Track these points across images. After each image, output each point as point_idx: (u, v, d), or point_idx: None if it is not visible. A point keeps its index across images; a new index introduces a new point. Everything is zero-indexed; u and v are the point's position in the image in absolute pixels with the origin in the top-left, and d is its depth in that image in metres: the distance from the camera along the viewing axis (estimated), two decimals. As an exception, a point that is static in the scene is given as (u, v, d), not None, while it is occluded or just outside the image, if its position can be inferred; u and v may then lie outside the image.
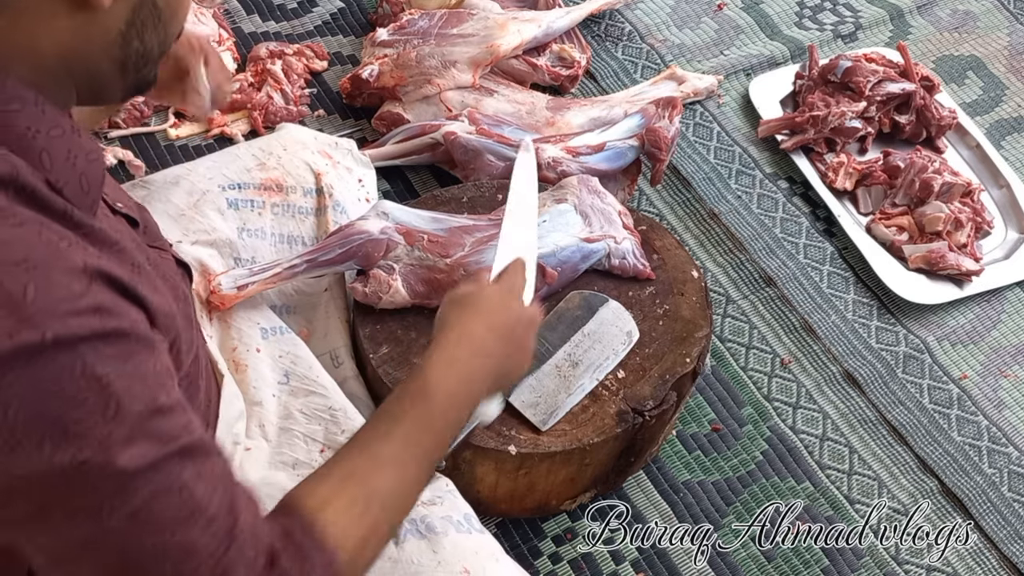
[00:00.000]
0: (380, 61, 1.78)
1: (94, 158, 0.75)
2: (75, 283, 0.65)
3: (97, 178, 0.75)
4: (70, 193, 0.71)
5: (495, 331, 0.97)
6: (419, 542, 1.05)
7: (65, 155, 0.72)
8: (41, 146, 0.70)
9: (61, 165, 0.71)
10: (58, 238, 0.67)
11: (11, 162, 0.67)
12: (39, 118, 0.70)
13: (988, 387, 1.63)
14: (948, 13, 2.17)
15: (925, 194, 1.75)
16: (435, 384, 0.90)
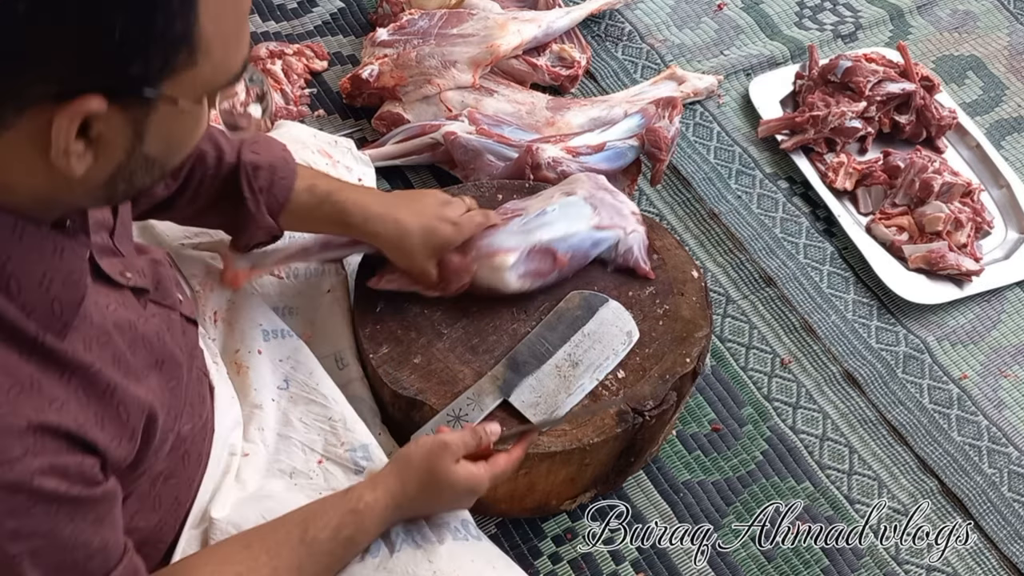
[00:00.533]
0: (380, 61, 1.78)
1: (74, 279, 0.75)
2: (13, 446, 0.67)
3: (73, 300, 0.75)
4: (38, 318, 0.72)
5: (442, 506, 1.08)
6: (414, 551, 1.04)
7: (38, 280, 0.72)
8: (10, 273, 0.70)
9: (31, 292, 0.71)
10: (10, 385, 0.68)
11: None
12: (13, 245, 0.70)
13: (988, 387, 1.63)
14: (948, 13, 2.17)
15: (925, 194, 1.75)
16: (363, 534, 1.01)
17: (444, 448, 1.06)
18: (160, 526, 0.96)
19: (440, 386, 1.26)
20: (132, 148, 0.70)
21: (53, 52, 0.61)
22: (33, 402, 0.70)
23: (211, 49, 0.68)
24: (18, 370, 0.70)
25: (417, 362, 1.27)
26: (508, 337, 1.31)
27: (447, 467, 1.05)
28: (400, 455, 1.07)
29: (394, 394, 1.24)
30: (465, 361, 1.29)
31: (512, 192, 1.47)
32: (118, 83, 0.65)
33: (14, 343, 0.71)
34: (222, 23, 0.68)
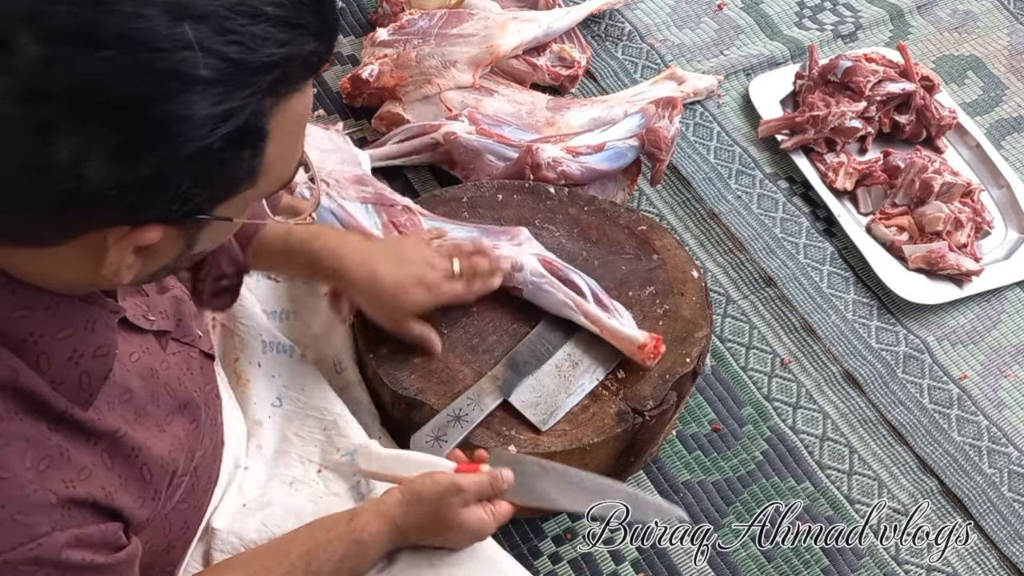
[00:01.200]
0: (380, 61, 1.78)
1: (103, 353, 0.76)
2: (41, 523, 0.69)
3: (101, 373, 0.76)
4: (65, 391, 0.73)
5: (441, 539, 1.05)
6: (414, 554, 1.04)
7: (68, 356, 0.73)
8: (40, 350, 0.71)
9: (60, 367, 0.73)
10: (40, 458, 0.70)
11: (11, 365, 0.70)
12: (46, 322, 0.72)
13: (988, 387, 1.63)
14: (948, 13, 2.16)
15: (925, 194, 1.75)
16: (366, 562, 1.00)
17: (457, 492, 1.03)
18: (169, 548, 0.96)
19: (440, 386, 1.26)
20: (181, 253, 0.73)
21: (123, 196, 0.62)
22: (61, 474, 0.71)
23: (270, 171, 0.69)
24: (47, 442, 0.71)
25: (417, 362, 1.27)
26: (508, 337, 1.31)
27: (456, 512, 1.03)
28: (412, 489, 1.04)
29: (394, 394, 1.24)
30: (465, 361, 1.29)
31: (512, 192, 1.47)
32: (178, 215, 0.66)
33: (42, 415, 0.72)
34: (285, 146, 0.69)
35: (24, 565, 0.68)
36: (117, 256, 0.67)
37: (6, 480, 0.68)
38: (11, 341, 0.70)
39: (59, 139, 0.59)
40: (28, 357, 0.71)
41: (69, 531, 0.71)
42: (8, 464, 0.68)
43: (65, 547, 0.70)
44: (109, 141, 0.60)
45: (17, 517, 0.68)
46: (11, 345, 0.70)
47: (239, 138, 0.64)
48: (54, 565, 0.70)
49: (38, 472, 0.69)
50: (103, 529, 0.75)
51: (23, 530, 0.68)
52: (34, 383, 0.71)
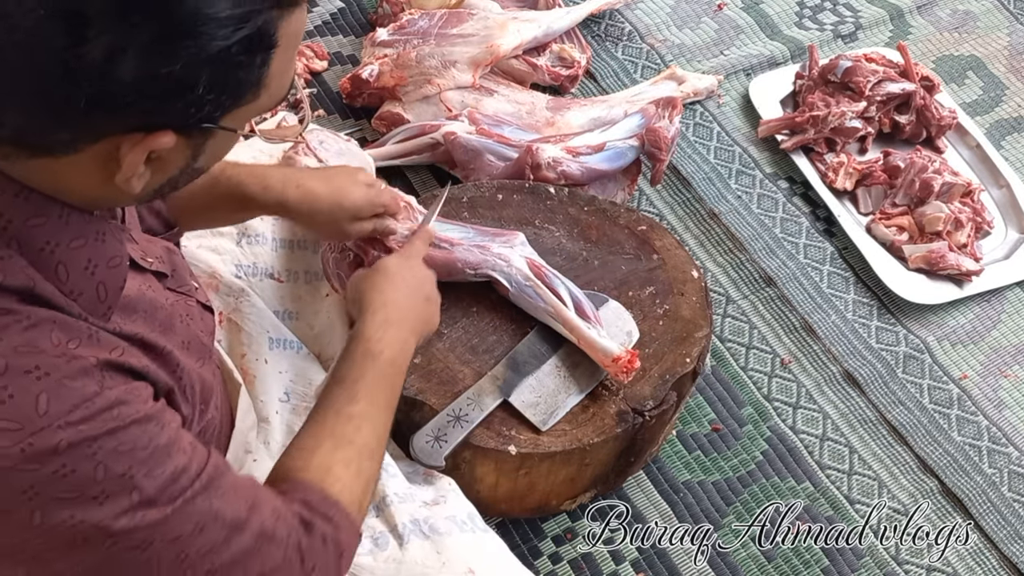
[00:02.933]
0: (380, 61, 1.78)
1: (116, 264, 0.77)
2: (88, 384, 0.69)
3: (116, 284, 0.77)
4: (84, 302, 0.74)
5: (406, 292, 1.10)
6: (423, 543, 1.05)
7: (84, 265, 0.74)
8: (57, 260, 0.73)
9: (77, 276, 0.74)
10: (69, 337, 0.70)
11: (28, 275, 0.71)
12: (60, 230, 0.73)
13: (988, 387, 1.63)
14: (948, 13, 2.16)
15: (925, 194, 1.75)
16: (376, 345, 1.02)
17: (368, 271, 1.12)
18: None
19: (440, 386, 1.26)
20: (186, 165, 0.75)
21: (147, 96, 0.66)
22: (94, 350, 0.72)
23: (271, 85, 0.73)
24: (75, 325, 0.72)
25: (417, 362, 1.28)
26: (508, 337, 1.31)
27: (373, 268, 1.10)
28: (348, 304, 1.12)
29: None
30: (465, 361, 1.29)
31: (512, 192, 1.47)
32: (191, 121, 0.70)
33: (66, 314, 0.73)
34: (285, 59, 0.73)
35: (86, 423, 0.68)
36: (132, 162, 0.69)
37: (40, 353, 0.68)
38: (29, 251, 0.71)
39: (95, 35, 0.62)
40: (46, 268, 0.72)
41: (118, 388, 0.71)
42: (38, 342, 0.69)
43: (119, 400, 0.71)
44: (142, 37, 0.63)
45: (65, 381, 0.68)
46: (29, 255, 0.71)
47: (253, 43, 0.68)
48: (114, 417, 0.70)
49: (71, 347, 0.70)
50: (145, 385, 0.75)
51: (75, 392, 0.69)
52: (51, 292, 0.72)
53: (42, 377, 0.68)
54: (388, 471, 1.17)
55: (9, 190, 0.70)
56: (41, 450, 0.67)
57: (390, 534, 1.05)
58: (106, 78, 0.63)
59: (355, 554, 0.90)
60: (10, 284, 0.69)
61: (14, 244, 0.71)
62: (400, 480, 1.17)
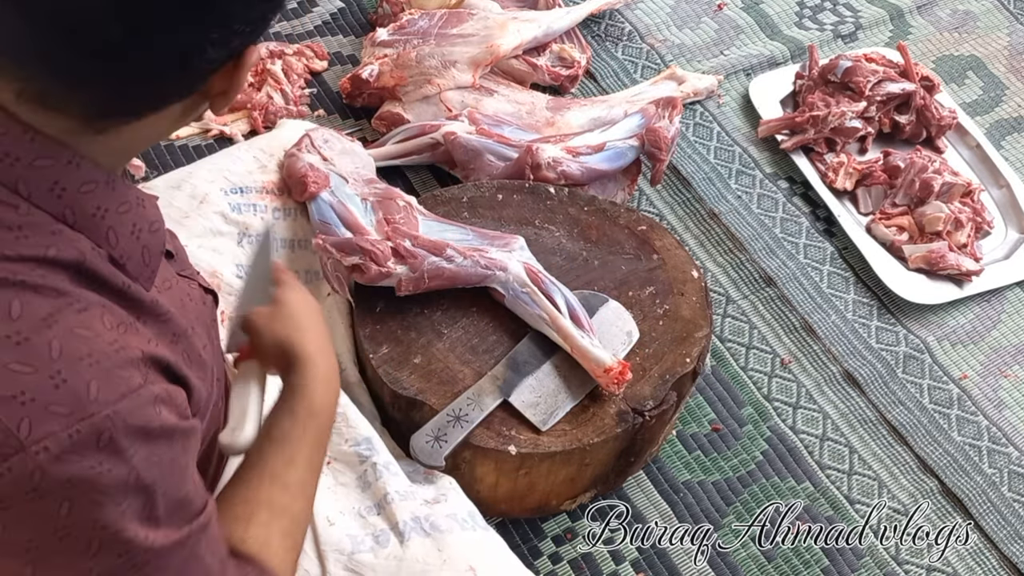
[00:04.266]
0: (380, 61, 1.78)
1: (156, 228, 0.79)
2: (134, 375, 0.70)
3: (158, 248, 0.79)
4: (132, 267, 0.75)
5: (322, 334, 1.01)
6: (424, 540, 1.05)
7: (130, 230, 0.75)
8: (108, 224, 0.74)
9: (126, 241, 0.75)
10: (117, 323, 0.71)
11: (78, 247, 0.71)
12: (108, 196, 0.74)
13: (988, 387, 1.63)
14: (948, 13, 2.16)
15: (925, 194, 1.75)
16: (319, 403, 0.95)
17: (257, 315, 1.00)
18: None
19: (440, 386, 1.26)
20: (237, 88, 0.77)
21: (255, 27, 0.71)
22: (137, 338, 0.72)
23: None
24: (119, 310, 0.73)
25: (417, 362, 1.28)
26: (508, 337, 1.31)
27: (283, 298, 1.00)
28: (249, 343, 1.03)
29: (394, 394, 1.25)
30: (465, 361, 1.29)
31: (512, 192, 1.47)
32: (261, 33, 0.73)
33: (108, 293, 0.73)
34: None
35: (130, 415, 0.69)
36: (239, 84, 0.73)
37: (94, 339, 0.69)
38: (81, 217, 0.72)
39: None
40: (97, 233, 0.73)
41: (158, 385, 0.72)
42: (91, 325, 0.69)
43: (158, 401, 0.71)
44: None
45: (115, 370, 0.69)
46: (80, 222, 0.72)
47: None
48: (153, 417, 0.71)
49: (119, 333, 0.71)
50: (178, 391, 0.76)
51: (123, 382, 0.69)
52: (99, 263, 0.72)
53: (93, 364, 0.68)
54: (389, 469, 1.17)
55: (62, 159, 0.71)
56: (87, 438, 0.67)
57: (391, 532, 1.05)
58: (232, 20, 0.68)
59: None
60: (63, 258, 0.70)
61: (67, 212, 0.71)
62: (401, 478, 1.17)
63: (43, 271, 0.69)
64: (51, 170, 0.70)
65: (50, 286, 0.69)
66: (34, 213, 0.70)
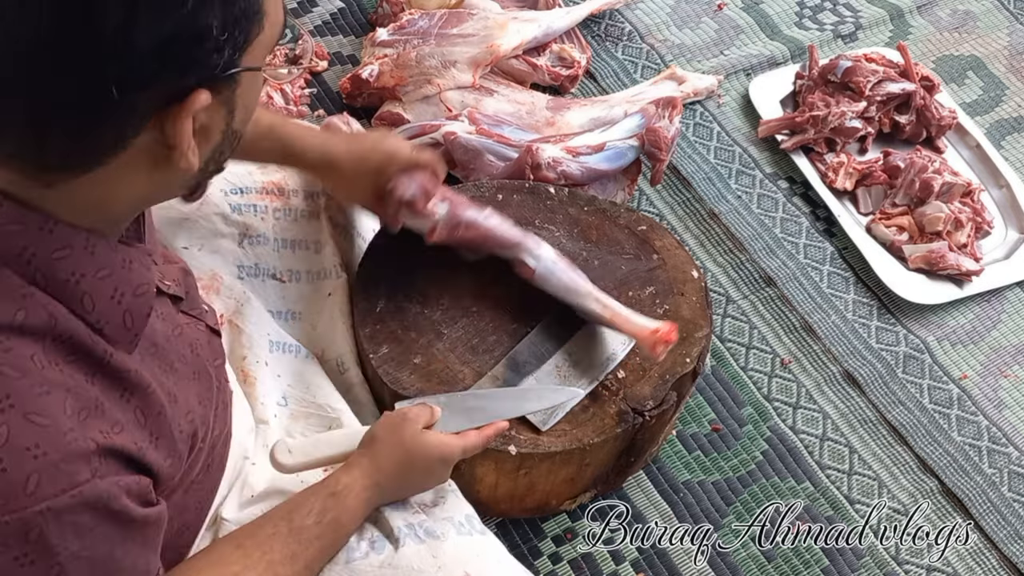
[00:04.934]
0: (380, 61, 1.78)
1: (143, 292, 0.77)
2: (81, 470, 0.69)
3: (142, 312, 0.77)
4: (111, 332, 0.74)
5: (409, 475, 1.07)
6: (418, 547, 1.04)
7: (110, 295, 0.74)
8: (84, 291, 0.72)
9: (104, 306, 0.73)
10: (79, 408, 0.70)
11: (49, 311, 0.70)
12: (85, 261, 0.72)
13: (988, 387, 1.63)
14: (948, 13, 2.17)
15: (925, 194, 1.75)
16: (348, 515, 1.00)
17: (404, 418, 1.08)
18: (182, 531, 0.97)
19: (440, 386, 1.26)
20: (226, 127, 0.73)
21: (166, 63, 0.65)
22: (99, 424, 0.71)
23: (269, 10, 0.71)
24: (86, 392, 0.71)
25: (417, 362, 1.28)
26: (508, 337, 1.31)
27: (414, 434, 1.07)
28: (367, 436, 1.08)
29: (394, 394, 1.24)
30: (465, 361, 1.29)
31: (512, 192, 1.47)
32: (216, 72, 0.68)
33: (82, 363, 0.72)
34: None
35: (66, 512, 0.68)
36: (184, 133, 0.68)
37: (47, 428, 0.68)
38: (53, 283, 0.70)
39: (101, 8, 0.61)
40: (71, 299, 0.71)
41: (108, 479, 0.71)
42: (49, 412, 0.68)
43: (105, 494, 0.70)
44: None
45: (60, 464, 0.68)
46: (53, 288, 0.70)
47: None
48: (93, 511, 0.70)
49: (79, 421, 0.70)
50: (137, 481, 0.75)
51: (66, 477, 0.68)
52: (73, 327, 0.71)
53: (39, 456, 0.67)
54: None
55: (33, 224, 0.69)
56: (15, 530, 0.66)
57: (386, 539, 1.05)
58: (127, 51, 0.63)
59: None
60: (32, 325, 0.69)
61: (39, 277, 0.70)
62: None
63: (10, 343, 0.68)
64: (20, 235, 0.69)
65: (13, 364, 0.67)
66: (4, 274, 0.69)
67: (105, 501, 0.70)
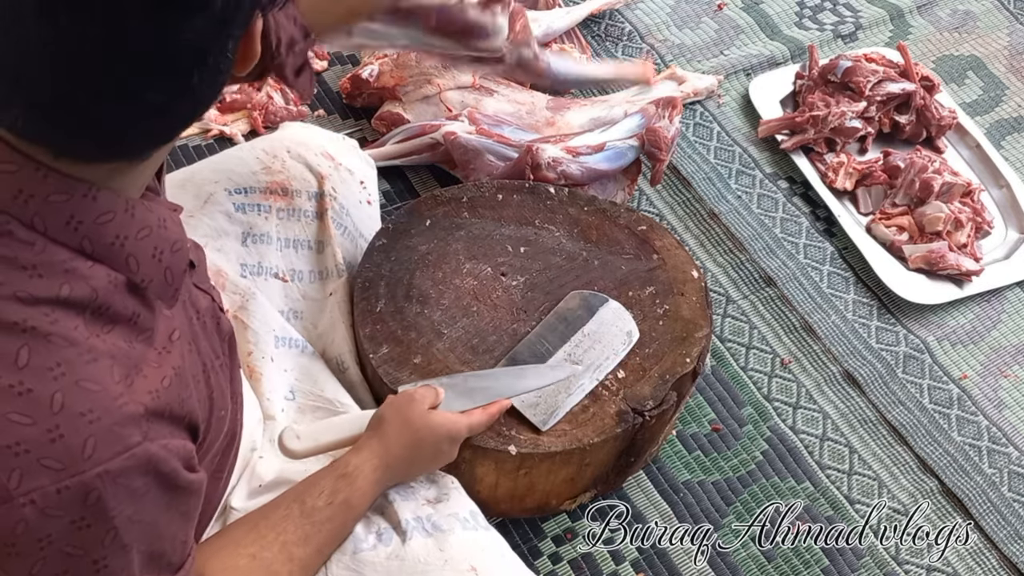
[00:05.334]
0: (380, 61, 1.78)
1: (178, 248, 0.79)
2: (133, 433, 0.70)
3: (180, 268, 0.79)
4: (155, 289, 0.76)
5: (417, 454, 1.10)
6: (425, 540, 1.05)
7: (151, 254, 0.76)
8: (128, 252, 0.74)
9: (147, 265, 0.75)
10: (124, 374, 0.71)
11: (91, 284, 0.71)
12: (128, 224, 0.74)
13: (988, 387, 1.63)
14: (948, 13, 2.17)
15: (925, 194, 1.75)
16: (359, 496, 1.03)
17: (411, 399, 1.11)
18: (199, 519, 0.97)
19: (440, 386, 1.26)
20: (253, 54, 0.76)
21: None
22: (147, 385, 0.73)
23: None
24: (128, 357, 0.73)
25: (417, 362, 1.28)
26: (508, 337, 1.31)
27: (421, 413, 1.09)
28: (373, 417, 1.10)
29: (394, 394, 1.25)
30: (465, 361, 1.29)
31: (512, 192, 1.47)
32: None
33: (121, 330, 0.73)
34: None
35: (122, 475, 0.69)
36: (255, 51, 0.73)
37: (98, 393, 0.69)
38: (100, 247, 0.72)
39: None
40: (117, 261, 0.73)
41: (158, 441, 0.72)
42: (98, 378, 0.69)
43: (156, 456, 0.72)
44: None
45: (114, 428, 0.69)
46: (99, 252, 0.72)
47: None
48: (145, 474, 0.71)
49: (127, 385, 0.71)
50: (183, 444, 0.76)
51: (120, 440, 0.69)
52: (115, 300, 0.73)
53: (94, 421, 0.68)
54: None
55: (79, 193, 0.71)
56: (75, 494, 0.67)
57: (393, 531, 1.06)
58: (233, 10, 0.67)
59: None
60: (75, 298, 0.70)
61: (86, 243, 0.71)
62: None
63: (56, 315, 0.69)
64: (66, 205, 0.70)
65: (60, 334, 0.69)
66: (50, 249, 0.70)
67: (156, 463, 0.72)
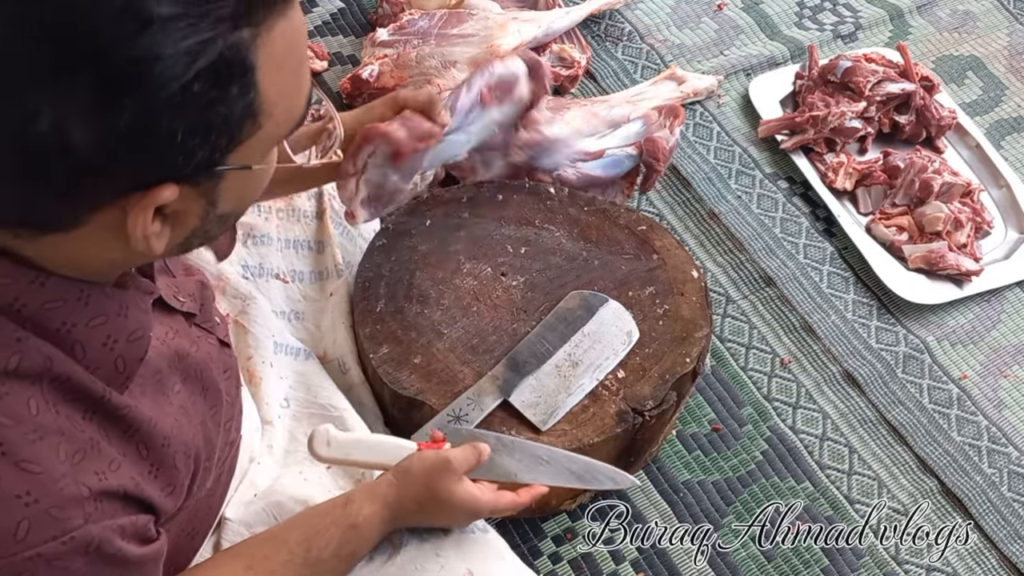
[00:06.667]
0: (380, 61, 1.78)
1: (137, 336, 0.76)
2: (74, 516, 0.68)
3: (136, 356, 0.76)
4: (103, 376, 0.73)
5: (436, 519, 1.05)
6: (421, 545, 1.04)
7: (102, 342, 0.73)
8: (75, 339, 0.71)
9: (95, 353, 0.72)
10: (74, 451, 0.69)
11: (45, 353, 0.69)
12: (78, 311, 0.71)
13: (988, 387, 1.63)
14: (948, 13, 2.17)
15: (925, 194, 1.75)
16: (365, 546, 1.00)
17: (446, 466, 1.03)
18: (193, 535, 0.97)
19: (440, 386, 1.26)
20: (206, 214, 0.71)
21: (119, 154, 0.62)
22: (94, 465, 0.71)
23: (274, 109, 0.67)
24: (80, 433, 0.71)
25: (417, 362, 1.28)
26: (508, 337, 1.31)
27: (448, 486, 1.03)
28: (401, 467, 1.04)
29: (394, 394, 1.25)
30: (465, 361, 1.29)
31: (512, 192, 1.47)
32: (188, 171, 0.65)
33: (78, 403, 0.72)
34: (282, 80, 0.67)
35: (57, 559, 0.68)
36: (139, 224, 0.66)
37: (39, 475, 0.67)
38: (45, 331, 0.70)
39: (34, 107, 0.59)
40: (63, 345, 0.71)
41: (102, 523, 0.70)
42: (41, 458, 0.68)
43: (98, 538, 0.70)
44: (81, 96, 0.59)
45: (51, 511, 0.67)
46: (45, 334, 0.70)
47: (219, 75, 0.62)
48: (85, 556, 0.70)
49: (72, 465, 0.69)
50: (134, 520, 0.74)
51: (57, 524, 0.68)
52: (70, 369, 0.70)
53: (30, 504, 0.67)
54: None
55: (24, 277, 0.69)
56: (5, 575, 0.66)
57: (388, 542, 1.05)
58: (66, 145, 0.60)
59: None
60: (27, 369, 0.68)
61: (28, 325, 0.69)
62: None
63: (6, 387, 0.67)
64: (11, 288, 0.68)
65: (8, 411, 0.67)
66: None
67: (98, 545, 0.70)
